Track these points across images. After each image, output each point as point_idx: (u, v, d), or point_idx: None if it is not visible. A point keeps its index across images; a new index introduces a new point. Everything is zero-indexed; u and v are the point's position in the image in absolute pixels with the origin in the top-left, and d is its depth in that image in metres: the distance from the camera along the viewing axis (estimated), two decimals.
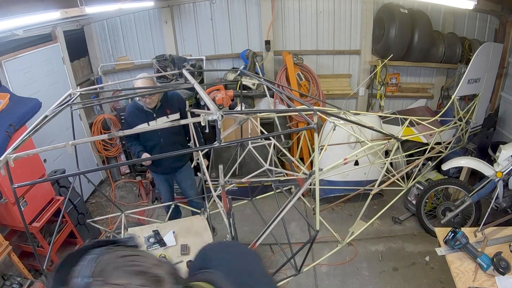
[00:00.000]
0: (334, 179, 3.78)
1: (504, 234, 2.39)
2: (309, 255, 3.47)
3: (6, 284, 2.76)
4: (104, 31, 5.26)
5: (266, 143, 2.77)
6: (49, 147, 1.40)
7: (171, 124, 1.63)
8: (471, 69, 3.79)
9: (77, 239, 3.58)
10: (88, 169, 1.63)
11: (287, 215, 2.29)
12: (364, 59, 5.14)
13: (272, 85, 2.45)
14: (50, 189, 3.32)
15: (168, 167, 3.31)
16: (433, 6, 4.79)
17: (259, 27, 5.08)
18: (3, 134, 2.72)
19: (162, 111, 3.06)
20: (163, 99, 3.06)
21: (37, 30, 3.96)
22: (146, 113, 3.03)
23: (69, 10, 3.04)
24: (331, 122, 2.51)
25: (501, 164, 3.05)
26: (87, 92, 2.52)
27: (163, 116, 3.06)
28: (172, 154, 1.92)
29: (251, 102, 4.76)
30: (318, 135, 3.67)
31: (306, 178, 2.09)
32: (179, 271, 0.77)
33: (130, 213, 3.14)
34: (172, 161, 3.26)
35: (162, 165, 3.28)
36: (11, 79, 3.53)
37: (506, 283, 2.03)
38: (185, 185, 3.52)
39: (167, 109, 3.08)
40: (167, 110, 3.08)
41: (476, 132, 4.46)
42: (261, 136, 2.28)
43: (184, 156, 3.38)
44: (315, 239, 1.81)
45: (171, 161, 3.23)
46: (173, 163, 3.30)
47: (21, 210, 1.59)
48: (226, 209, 2.00)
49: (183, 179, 3.47)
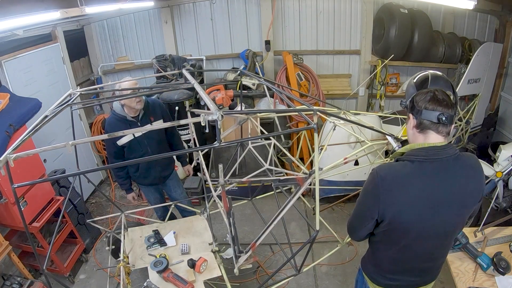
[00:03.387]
0: (334, 179, 3.79)
1: (504, 234, 2.39)
2: (309, 255, 3.48)
3: (6, 284, 2.76)
4: (104, 31, 5.26)
5: (266, 143, 2.77)
6: (49, 147, 1.40)
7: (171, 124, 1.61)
8: (471, 69, 3.79)
9: (77, 239, 3.58)
10: (88, 169, 1.62)
11: (287, 215, 2.29)
12: (364, 59, 5.14)
13: (272, 85, 2.45)
14: (50, 189, 3.32)
15: (157, 177, 3.18)
16: (433, 6, 4.79)
17: (259, 27, 5.08)
18: (3, 134, 2.72)
19: (146, 119, 2.93)
20: (145, 107, 2.92)
21: (37, 30, 3.97)
22: (130, 122, 2.87)
23: (69, 10, 3.03)
24: (331, 122, 2.51)
25: (501, 164, 3.05)
26: (87, 92, 2.51)
27: (147, 124, 2.90)
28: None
29: (251, 102, 4.76)
30: (318, 135, 3.67)
31: (306, 178, 2.09)
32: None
33: (130, 213, 3.13)
34: (161, 170, 3.15)
35: (150, 176, 3.14)
36: (11, 79, 3.53)
37: (506, 283, 2.03)
38: (175, 195, 3.37)
39: (150, 116, 2.95)
40: (150, 118, 2.95)
41: (476, 132, 4.47)
42: (261, 136, 2.28)
43: (170, 165, 3.29)
44: (315, 239, 1.81)
45: (159, 170, 3.13)
46: (161, 172, 3.18)
47: (21, 210, 1.58)
48: (226, 209, 2.00)
49: (173, 188, 3.35)
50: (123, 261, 2.40)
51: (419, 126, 1.42)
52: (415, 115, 1.42)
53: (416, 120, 1.42)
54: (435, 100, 1.37)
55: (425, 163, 1.38)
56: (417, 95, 1.42)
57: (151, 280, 2.24)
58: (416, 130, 1.43)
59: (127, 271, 2.38)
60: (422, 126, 1.40)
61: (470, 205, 1.48)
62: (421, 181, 1.39)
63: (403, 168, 1.41)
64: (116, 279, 3.02)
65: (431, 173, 1.38)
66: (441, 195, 1.39)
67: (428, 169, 1.38)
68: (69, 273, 3.38)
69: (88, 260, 3.70)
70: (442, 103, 1.37)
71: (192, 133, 3.22)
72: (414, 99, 1.42)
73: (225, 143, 1.60)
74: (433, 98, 1.37)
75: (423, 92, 1.42)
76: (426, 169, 1.38)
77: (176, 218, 3.40)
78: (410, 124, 1.47)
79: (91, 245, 3.85)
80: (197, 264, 2.33)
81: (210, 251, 2.53)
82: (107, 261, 3.20)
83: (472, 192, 1.45)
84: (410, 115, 1.45)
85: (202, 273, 2.34)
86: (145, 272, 2.40)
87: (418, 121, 1.41)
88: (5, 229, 3.10)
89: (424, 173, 1.38)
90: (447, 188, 1.39)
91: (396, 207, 1.39)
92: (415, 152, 1.41)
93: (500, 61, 4.32)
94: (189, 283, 2.21)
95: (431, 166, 1.38)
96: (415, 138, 1.45)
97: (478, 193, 1.48)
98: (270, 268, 3.41)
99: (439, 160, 1.38)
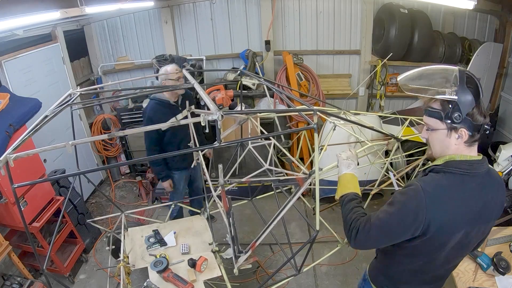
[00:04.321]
0: (334, 179, 3.76)
1: (504, 234, 2.39)
2: (309, 255, 3.48)
3: (6, 284, 2.76)
4: (104, 31, 5.26)
5: (266, 143, 2.77)
6: (49, 147, 1.40)
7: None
8: (471, 69, 3.79)
9: (77, 239, 3.58)
10: (88, 169, 1.62)
11: (287, 215, 2.29)
12: (364, 59, 5.14)
13: (272, 85, 2.45)
14: (50, 189, 3.32)
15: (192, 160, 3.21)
16: (433, 6, 4.79)
17: (259, 27, 5.08)
18: (3, 134, 2.72)
19: (184, 103, 3.07)
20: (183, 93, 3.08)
21: (37, 30, 3.97)
22: (172, 107, 3.04)
23: (69, 10, 3.04)
24: (331, 122, 2.51)
25: (501, 164, 3.05)
26: (87, 92, 2.51)
27: (185, 109, 3.05)
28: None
29: (251, 102, 4.76)
30: (318, 135, 3.67)
31: (306, 178, 2.09)
32: None
33: (130, 213, 3.14)
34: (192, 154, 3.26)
35: (188, 159, 3.23)
36: (11, 79, 3.53)
37: (506, 283, 2.03)
38: (198, 183, 3.54)
39: (187, 101, 3.06)
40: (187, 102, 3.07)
41: None
42: (261, 136, 2.27)
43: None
44: (315, 239, 1.81)
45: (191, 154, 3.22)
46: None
47: (21, 210, 1.58)
48: (226, 209, 2.00)
49: (198, 175, 3.50)
50: (123, 261, 2.40)
51: (470, 141, 1.31)
52: (470, 130, 1.28)
53: (469, 135, 1.29)
54: (484, 110, 1.29)
55: (466, 177, 1.32)
56: (474, 107, 1.27)
57: (151, 280, 2.24)
58: (465, 144, 1.32)
59: (127, 271, 2.38)
60: (474, 140, 1.31)
61: (495, 218, 1.46)
62: (464, 195, 1.33)
63: (447, 181, 1.33)
64: (116, 279, 3.02)
65: (472, 187, 1.33)
66: (479, 209, 1.35)
67: (470, 182, 1.33)
68: (69, 273, 3.38)
69: (88, 260, 3.70)
70: (486, 112, 1.30)
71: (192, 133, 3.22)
72: (472, 113, 1.27)
73: (225, 143, 1.60)
74: (483, 108, 1.28)
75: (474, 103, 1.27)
76: (468, 182, 1.33)
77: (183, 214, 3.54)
78: (453, 139, 1.32)
79: (91, 245, 3.85)
80: (198, 264, 2.33)
81: (210, 251, 2.53)
82: (107, 261, 3.21)
83: (498, 205, 1.42)
84: (463, 130, 1.29)
85: (202, 272, 2.34)
86: (145, 272, 2.40)
87: (471, 136, 1.30)
88: (5, 229, 3.10)
89: (467, 187, 1.33)
90: (483, 202, 1.35)
91: (440, 221, 1.31)
92: (458, 165, 1.33)
93: (500, 61, 4.31)
94: (189, 283, 2.21)
95: (472, 180, 1.33)
96: (459, 150, 1.34)
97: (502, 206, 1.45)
98: (270, 268, 3.41)
99: (479, 174, 1.33)
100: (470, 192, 1.33)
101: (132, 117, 4.78)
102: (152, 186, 4.86)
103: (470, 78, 1.29)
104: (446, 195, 1.31)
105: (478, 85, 1.29)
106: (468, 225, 1.36)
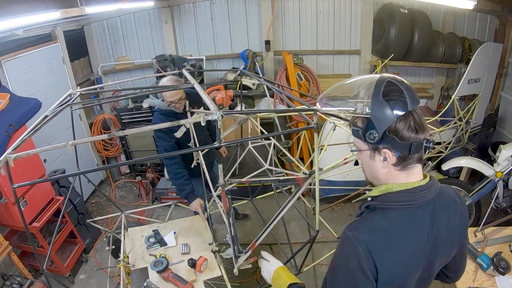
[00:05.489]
0: (334, 179, 3.78)
1: (504, 234, 2.39)
2: (309, 255, 3.48)
3: (6, 284, 2.76)
4: (104, 31, 5.26)
5: (266, 143, 2.77)
6: (49, 147, 1.40)
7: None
8: (471, 69, 3.79)
9: (77, 239, 3.58)
10: (88, 169, 1.62)
11: (287, 215, 2.29)
12: (364, 59, 5.14)
13: (272, 85, 2.45)
14: (50, 189, 3.32)
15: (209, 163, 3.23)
16: (433, 6, 4.79)
17: (259, 27, 5.08)
18: (3, 134, 2.72)
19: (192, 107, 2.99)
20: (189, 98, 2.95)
21: (37, 30, 3.97)
22: (179, 115, 2.90)
23: (69, 10, 3.04)
24: (331, 122, 2.51)
25: (501, 164, 3.05)
26: (87, 92, 2.51)
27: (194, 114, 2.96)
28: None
29: (251, 102, 4.76)
30: (318, 135, 3.67)
31: (306, 178, 2.09)
32: None
33: (130, 213, 3.14)
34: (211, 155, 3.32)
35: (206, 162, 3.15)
36: (11, 79, 3.53)
37: (506, 283, 2.03)
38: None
39: (194, 106, 2.97)
40: (195, 108, 2.97)
41: (476, 132, 4.47)
42: (261, 136, 2.28)
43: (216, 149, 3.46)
44: (315, 239, 1.81)
45: (211, 155, 3.29)
46: (212, 157, 3.36)
47: (21, 210, 1.58)
48: (226, 209, 2.00)
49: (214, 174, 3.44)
50: (123, 261, 2.40)
51: (401, 163, 1.07)
52: (396, 150, 1.04)
53: (397, 157, 1.05)
54: (416, 124, 1.03)
55: (412, 209, 1.08)
56: (397, 122, 1.02)
57: (151, 280, 2.24)
58: (396, 168, 1.08)
59: (127, 271, 2.38)
60: (407, 162, 1.06)
61: (461, 237, 1.23)
62: (410, 233, 1.08)
63: (385, 221, 1.08)
64: (116, 279, 3.02)
65: (420, 219, 1.08)
66: (433, 241, 1.12)
67: (416, 215, 1.08)
68: (69, 273, 3.38)
69: (88, 260, 3.70)
70: (423, 125, 1.04)
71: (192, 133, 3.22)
72: (395, 129, 1.03)
73: (225, 143, 1.60)
74: (414, 122, 1.03)
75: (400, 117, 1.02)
76: (414, 216, 1.08)
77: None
78: (378, 162, 1.09)
79: (91, 245, 3.86)
80: (198, 263, 2.33)
81: (210, 251, 2.53)
82: (107, 261, 3.21)
83: (459, 227, 1.19)
84: (386, 151, 1.06)
85: (202, 272, 2.34)
86: (145, 272, 2.40)
87: (400, 157, 1.05)
88: (5, 229, 3.10)
89: (413, 222, 1.08)
90: (438, 231, 1.12)
91: (388, 270, 1.05)
92: (397, 197, 1.08)
93: (500, 61, 4.31)
94: (189, 283, 2.21)
95: (419, 212, 1.08)
96: (393, 178, 1.10)
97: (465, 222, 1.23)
98: None
99: (427, 202, 1.08)
100: (419, 226, 1.09)
101: (132, 117, 4.78)
102: (152, 186, 4.87)
103: (393, 87, 1.06)
104: (386, 239, 1.05)
105: (405, 94, 1.03)
106: (424, 261, 1.13)
